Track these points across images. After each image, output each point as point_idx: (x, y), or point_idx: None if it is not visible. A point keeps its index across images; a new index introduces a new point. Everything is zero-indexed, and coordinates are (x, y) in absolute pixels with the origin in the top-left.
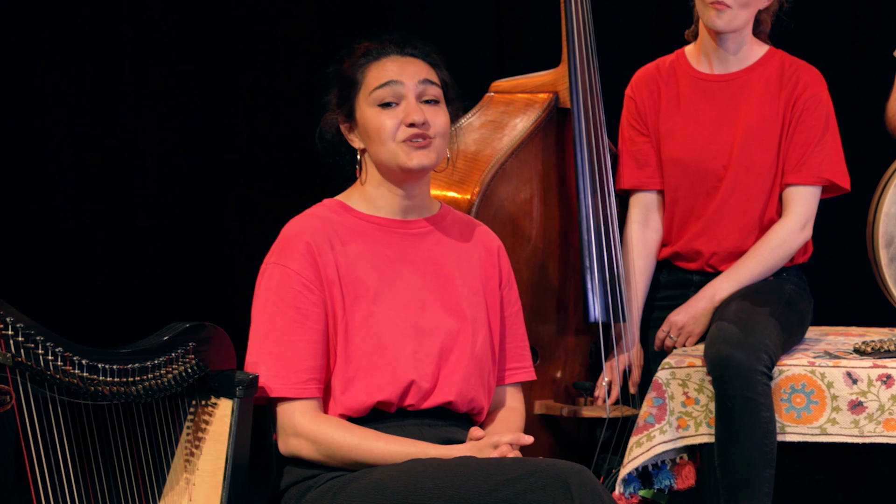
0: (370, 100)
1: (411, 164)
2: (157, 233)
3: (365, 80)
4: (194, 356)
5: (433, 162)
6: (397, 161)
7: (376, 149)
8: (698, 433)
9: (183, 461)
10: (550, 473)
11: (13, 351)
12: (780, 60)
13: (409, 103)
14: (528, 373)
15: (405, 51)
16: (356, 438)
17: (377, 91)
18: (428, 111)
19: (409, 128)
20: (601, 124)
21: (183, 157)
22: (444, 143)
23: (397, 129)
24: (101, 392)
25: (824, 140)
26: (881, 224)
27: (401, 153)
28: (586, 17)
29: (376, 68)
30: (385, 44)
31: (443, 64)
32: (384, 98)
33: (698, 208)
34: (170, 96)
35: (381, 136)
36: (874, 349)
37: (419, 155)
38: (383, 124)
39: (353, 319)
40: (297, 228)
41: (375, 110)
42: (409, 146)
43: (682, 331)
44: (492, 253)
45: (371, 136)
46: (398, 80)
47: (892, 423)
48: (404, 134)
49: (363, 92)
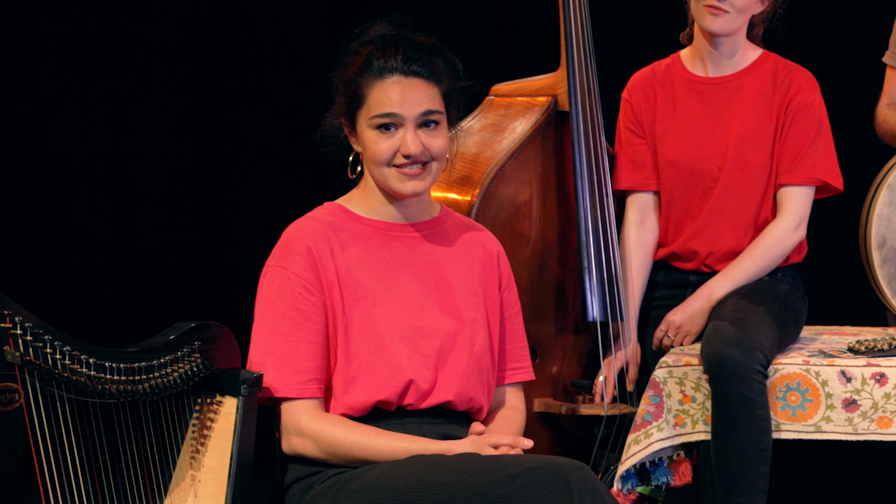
0: (370, 123)
1: (404, 191)
2: (163, 234)
3: (367, 100)
4: (200, 355)
5: (426, 188)
6: (390, 185)
7: (371, 168)
8: (695, 430)
9: (189, 458)
10: (550, 470)
11: (22, 350)
12: (774, 63)
13: (408, 131)
14: (528, 373)
15: (410, 69)
16: (357, 436)
17: (376, 119)
18: (426, 137)
19: (406, 158)
20: (599, 127)
21: (190, 160)
22: (440, 164)
23: (393, 156)
24: (109, 390)
25: (817, 141)
26: (874, 226)
27: (394, 179)
28: (584, 21)
29: (379, 90)
30: (389, 56)
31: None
32: (383, 123)
33: (694, 209)
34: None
35: (377, 159)
36: (868, 348)
37: (412, 184)
38: (380, 149)
39: (353, 321)
40: (297, 231)
41: (374, 133)
42: (402, 173)
43: (679, 330)
44: (491, 256)
45: (367, 155)
46: (398, 112)
47: (885, 420)
48: (399, 161)
49: (364, 112)
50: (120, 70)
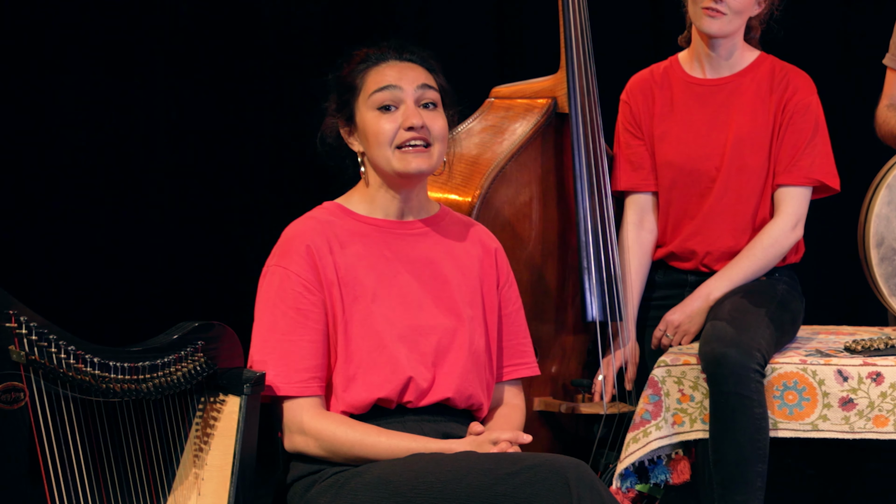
0: (369, 103)
1: (409, 168)
2: (166, 235)
3: (364, 84)
4: (203, 354)
5: (431, 166)
6: (394, 166)
7: (374, 152)
8: (693, 429)
9: (192, 456)
10: (549, 468)
11: (27, 349)
12: (771, 65)
13: (408, 107)
14: (530, 368)
15: (403, 56)
16: (358, 434)
17: (376, 94)
18: (426, 115)
19: (408, 131)
20: (598, 128)
21: (192, 161)
22: (441, 146)
23: (396, 133)
24: (113, 389)
25: (814, 142)
26: (872, 225)
27: (398, 158)
28: (584, 25)
29: (375, 73)
30: (384, 49)
31: (440, 69)
32: (383, 101)
33: (692, 209)
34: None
35: (380, 139)
36: (864, 347)
37: (417, 160)
38: (382, 128)
39: (353, 319)
40: (297, 231)
41: (374, 114)
42: (406, 151)
43: (678, 329)
44: (490, 253)
45: (370, 139)
46: (397, 84)
47: (881, 419)
48: (402, 137)
49: (363, 96)
50: (123, 72)
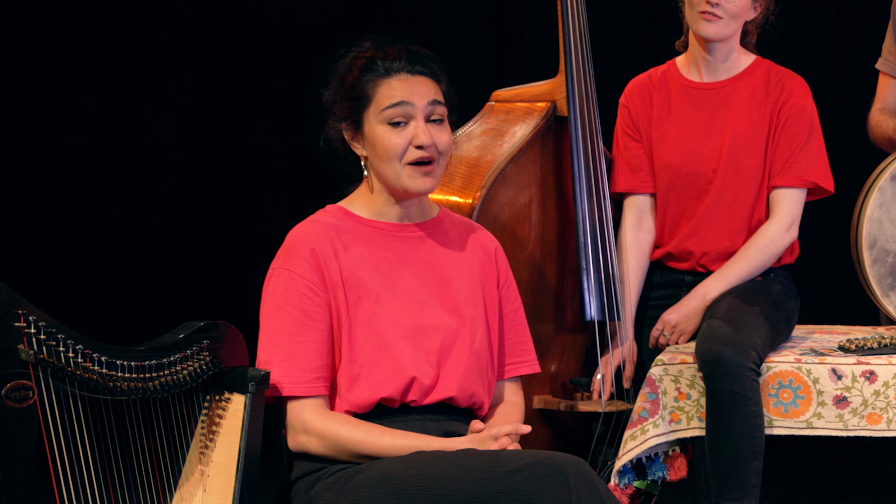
0: (380, 117)
1: (416, 188)
2: (173, 236)
3: (375, 97)
4: (208, 353)
5: (434, 186)
6: (403, 183)
7: (382, 166)
8: (690, 427)
9: (198, 454)
10: (549, 465)
11: (35, 348)
12: (767, 69)
13: (419, 124)
14: (531, 366)
15: (415, 69)
16: (362, 433)
17: (388, 111)
18: (434, 131)
19: (417, 150)
20: (597, 131)
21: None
22: (445, 160)
23: (405, 150)
24: (120, 388)
25: (809, 145)
26: (865, 227)
27: (406, 176)
28: (583, 29)
29: (387, 87)
30: (392, 56)
31: (446, 79)
32: (394, 117)
33: (689, 210)
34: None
35: (390, 154)
36: (858, 346)
37: (423, 181)
38: (392, 143)
39: (357, 320)
40: (301, 234)
41: (385, 128)
42: (414, 170)
43: (675, 329)
44: (489, 254)
45: (379, 152)
46: (409, 101)
47: (874, 417)
48: (412, 156)
49: (373, 108)
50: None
